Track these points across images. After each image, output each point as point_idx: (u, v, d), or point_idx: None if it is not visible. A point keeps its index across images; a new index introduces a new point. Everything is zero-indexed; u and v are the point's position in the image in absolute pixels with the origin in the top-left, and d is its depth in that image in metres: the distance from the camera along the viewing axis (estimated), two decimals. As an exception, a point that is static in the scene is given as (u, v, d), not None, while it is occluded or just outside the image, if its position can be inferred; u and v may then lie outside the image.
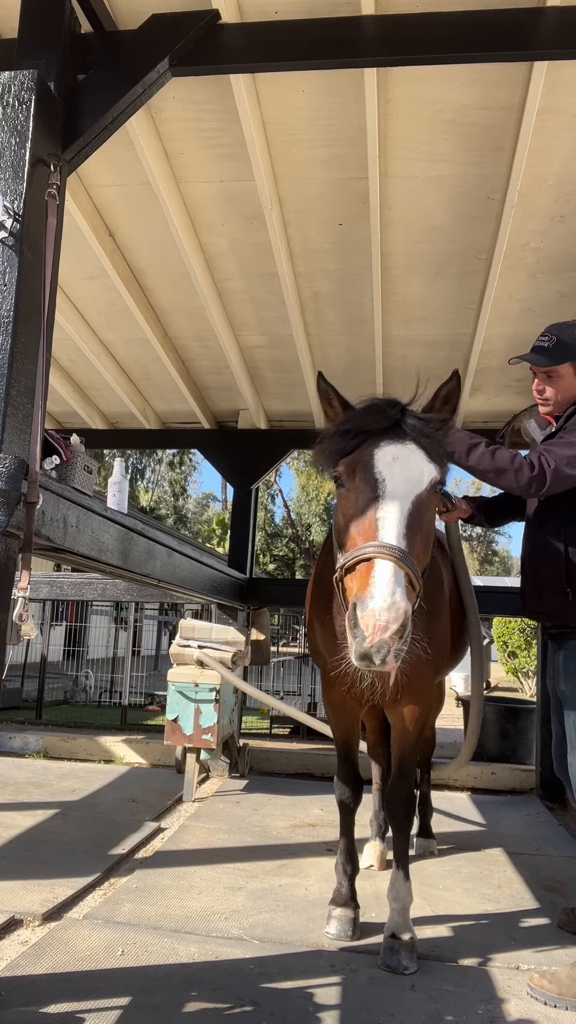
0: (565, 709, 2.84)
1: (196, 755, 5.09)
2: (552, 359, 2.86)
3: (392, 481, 1.86)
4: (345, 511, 1.95)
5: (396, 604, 1.72)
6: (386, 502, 1.84)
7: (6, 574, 2.21)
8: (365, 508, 1.87)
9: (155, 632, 17.72)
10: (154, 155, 3.54)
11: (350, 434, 1.93)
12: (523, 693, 14.20)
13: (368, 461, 1.89)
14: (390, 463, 1.87)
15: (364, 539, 1.83)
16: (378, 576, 1.74)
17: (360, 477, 1.89)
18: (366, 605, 1.72)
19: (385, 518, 1.83)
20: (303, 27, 2.85)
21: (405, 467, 1.88)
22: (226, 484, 30.82)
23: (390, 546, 1.77)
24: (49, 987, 2.44)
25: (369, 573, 1.76)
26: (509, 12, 2.73)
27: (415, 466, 1.89)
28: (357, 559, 1.83)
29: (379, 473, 1.87)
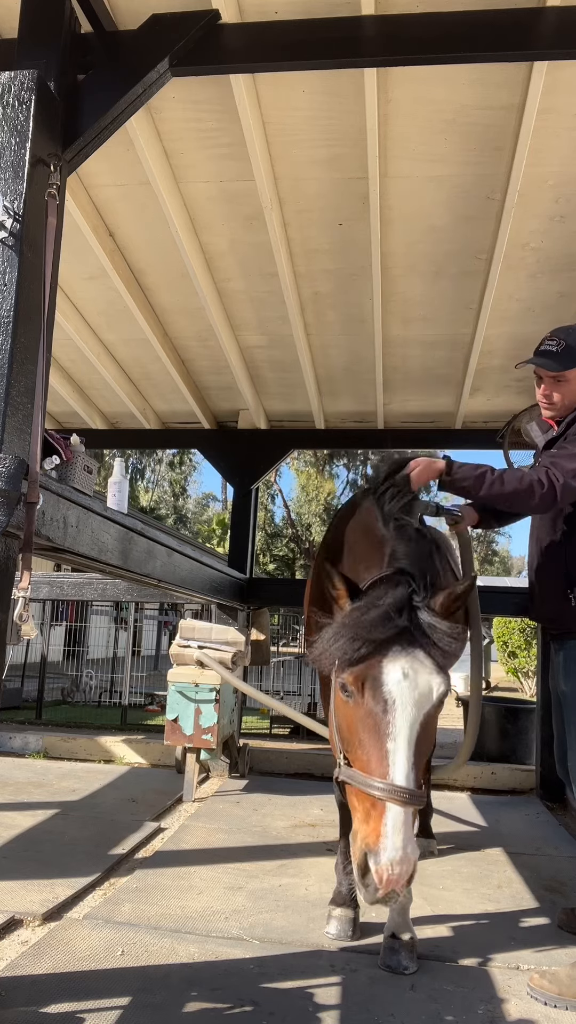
0: (565, 710, 2.85)
1: (196, 755, 5.09)
2: (562, 363, 2.84)
3: (402, 705, 1.80)
4: (350, 723, 1.90)
5: (408, 857, 1.70)
6: (396, 732, 1.79)
7: (6, 574, 2.21)
8: (374, 733, 1.82)
9: (155, 632, 17.73)
10: (154, 155, 3.54)
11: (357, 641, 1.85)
12: (523, 693, 14.20)
13: (377, 677, 1.82)
14: (400, 681, 1.81)
15: (373, 770, 1.79)
16: (390, 825, 1.72)
17: (368, 693, 1.82)
18: (379, 858, 1.70)
19: (396, 752, 1.78)
20: (303, 27, 2.85)
21: (415, 686, 1.82)
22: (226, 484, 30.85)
23: (401, 789, 1.74)
24: (49, 987, 2.44)
25: (380, 819, 1.73)
26: (509, 12, 2.73)
27: (425, 683, 1.83)
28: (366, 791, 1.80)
29: (389, 694, 1.80)
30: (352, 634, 1.86)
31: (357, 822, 1.82)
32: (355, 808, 1.85)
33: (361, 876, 1.75)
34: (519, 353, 5.03)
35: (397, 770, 1.76)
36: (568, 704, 2.82)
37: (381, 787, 1.75)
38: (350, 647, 1.84)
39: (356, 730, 1.87)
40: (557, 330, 2.93)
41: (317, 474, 32.88)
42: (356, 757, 1.86)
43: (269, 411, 6.47)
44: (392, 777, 1.76)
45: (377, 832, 1.73)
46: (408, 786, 1.74)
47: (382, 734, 1.80)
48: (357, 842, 1.79)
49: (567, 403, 2.90)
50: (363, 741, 1.84)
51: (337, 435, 6.71)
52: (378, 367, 5.41)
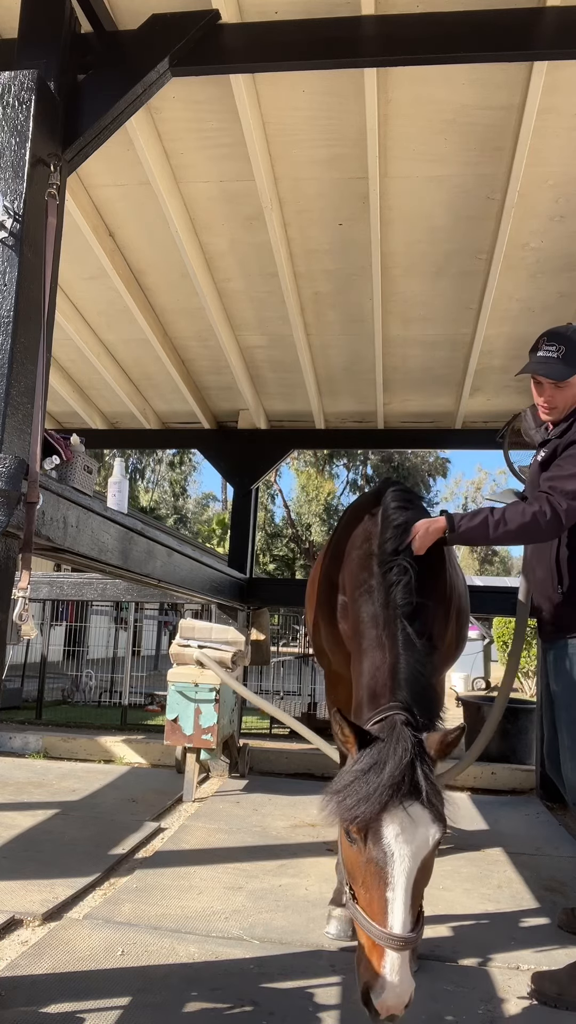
0: (557, 710, 2.85)
1: (196, 755, 5.09)
2: (565, 371, 2.80)
3: (400, 858, 2.01)
4: (354, 866, 2.12)
5: (404, 992, 1.91)
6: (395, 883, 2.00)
7: (6, 574, 2.21)
8: (375, 880, 2.02)
9: (155, 632, 17.72)
10: (154, 155, 3.55)
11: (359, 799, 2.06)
12: (523, 693, 14.20)
13: (377, 831, 2.03)
14: (398, 836, 2.02)
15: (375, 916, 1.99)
16: (388, 968, 1.93)
17: (371, 844, 2.04)
18: (379, 995, 1.91)
19: (394, 902, 1.98)
20: (303, 27, 2.85)
21: (412, 839, 2.02)
22: (226, 484, 30.84)
23: (397, 937, 1.94)
24: (49, 987, 2.44)
25: (380, 962, 1.95)
26: (509, 12, 2.73)
27: (422, 835, 2.03)
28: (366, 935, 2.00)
29: (388, 847, 2.01)
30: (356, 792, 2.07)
31: (361, 952, 2.03)
32: (360, 935, 2.06)
33: (365, 1003, 1.96)
34: (519, 353, 5.04)
35: (395, 919, 1.96)
36: (559, 704, 2.83)
37: (380, 934, 1.96)
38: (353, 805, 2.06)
39: (359, 874, 2.08)
40: (552, 335, 2.88)
41: (317, 474, 32.88)
42: (360, 896, 2.07)
43: (269, 411, 6.47)
44: (391, 926, 1.95)
45: (377, 972, 1.95)
46: (403, 934, 1.95)
47: (382, 883, 2.00)
48: (360, 973, 2.01)
49: (565, 408, 2.89)
50: (365, 885, 2.05)
51: (337, 435, 6.71)
52: (378, 367, 5.41)
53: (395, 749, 2.13)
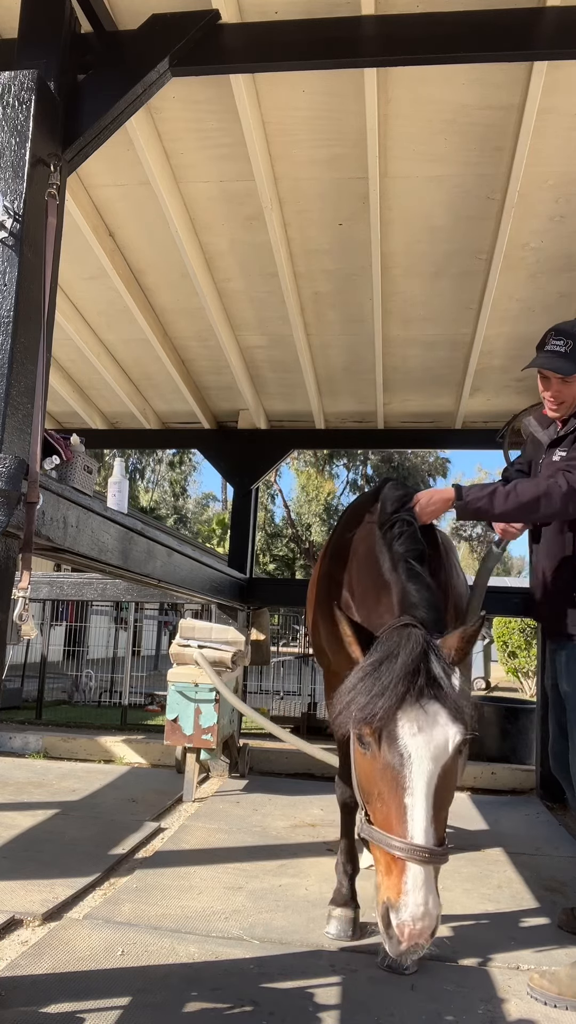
0: (568, 711, 2.85)
1: (196, 755, 5.09)
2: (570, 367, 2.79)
3: (419, 760, 1.81)
4: (369, 776, 1.92)
5: (429, 912, 1.72)
6: (414, 787, 1.80)
7: (6, 574, 2.21)
8: (392, 787, 1.83)
9: (155, 632, 17.73)
10: (154, 155, 3.54)
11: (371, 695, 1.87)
12: (523, 693, 14.20)
13: (392, 731, 1.83)
14: (415, 735, 1.82)
15: (393, 828, 1.80)
16: (411, 884, 1.73)
17: (385, 748, 1.84)
18: (400, 915, 1.72)
19: (413, 808, 1.79)
20: (303, 27, 2.85)
21: (431, 740, 1.82)
22: (226, 484, 30.83)
23: (421, 848, 1.75)
24: (49, 987, 2.44)
25: (401, 877, 1.75)
26: (509, 12, 2.73)
27: (441, 735, 1.84)
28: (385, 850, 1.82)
29: (404, 749, 1.82)
30: (367, 689, 1.87)
31: (380, 875, 1.83)
32: (378, 860, 1.87)
33: (385, 928, 1.76)
34: (519, 353, 5.04)
35: (415, 827, 1.77)
36: (571, 705, 2.82)
37: (400, 846, 1.76)
38: (365, 703, 1.86)
39: (374, 784, 1.88)
40: (559, 330, 2.88)
41: (317, 474, 32.88)
42: (375, 812, 1.88)
43: (269, 411, 6.47)
44: (411, 836, 1.76)
45: (398, 889, 1.74)
46: (427, 844, 1.75)
47: (399, 789, 1.80)
48: (380, 895, 1.81)
49: (573, 402, 2.88)
50: (381, 796, 1.85)
51: (337, 435, 6.71)
52: (378, 367, 5.40)
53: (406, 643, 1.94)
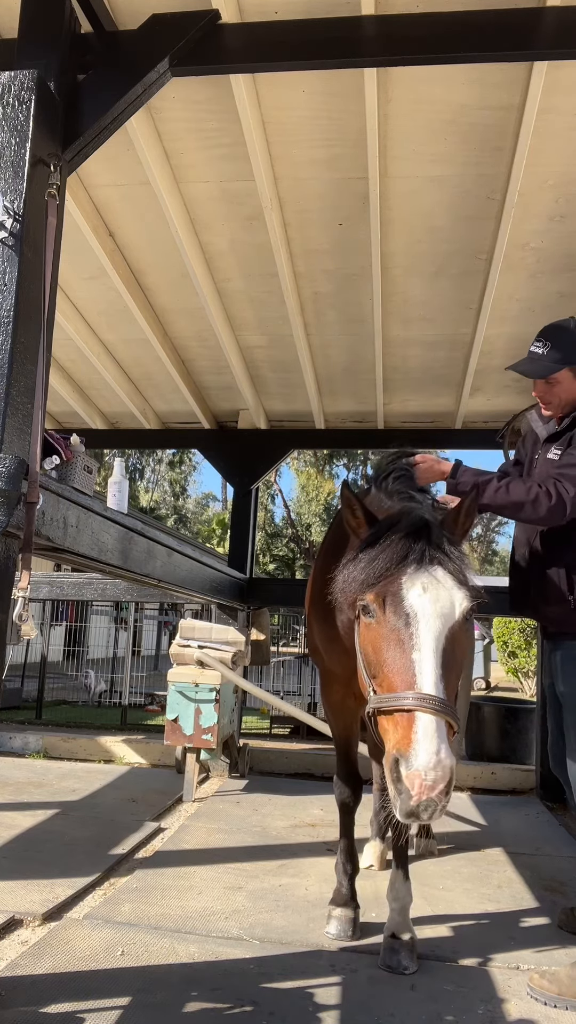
0: (565, 712, 2.85)
1: (196, 755, 5.09)
2: (547, 368, 2.82)
3: (425, 617, 1.80)
4: (374, 645, 1.89)
5: (442, 762, 1.67)
6: (421, 643, 1.78)
7: (6, 574, 2.21)
8: (398, 648, 1.81)
9: (155, 632, 17.73)
10: (154, 155, 3.54)
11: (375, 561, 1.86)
12: (523, 693, 14.19)
13: (397, 593, 1.82)
14: (421, 595, 1.80)
15: (401, 684, 1.77)
16: (421, 732, 1.69)
17: (390, 611, 1.82)
18: (411, 763, 1.67)
19: (422, 662, 1.76)
20: (303, 27, 2.85)
21: (437, 599, 1.81)
22: (226, 484, 30.84)
23: (431, 697, 1.72)
24: (49, 987, 2.43)
25: (411, 727, 1.70)
26: (509, 12, 2.73)
27: (446, 596, 1.83)
28: (395, 707, 1.77)
29: (410, 608, 1.80)
30: (371, 555, 1.86)
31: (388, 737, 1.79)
32: (385, 730, 1.82)
33: (394, 782, 1.70)
34: (519, 353, 4.99)
35: (424, 679, 1.74)
36: (567, 705, 2.82)
37: (408, 697, 1.73)
38: (370, 567, 1.85)
39: (381, 649, 1.86)
40: (545, 330, 2.90)
41: (317, 474, 32.89)
42: (383, 678, 1.84)
43: (269, 411, 6.47)
44: (419, 686, 1.73)
45: (408, 738, 1.70)
46: (436, 694, 1.71)
47: (406, 646, 1.79)
48: (388, 752, 1.76)
49: (563, 400, 2.88)
50: (388, 658, 1.82)
51: (337, 435, 6.71)
52: (378, 367, 5.40)
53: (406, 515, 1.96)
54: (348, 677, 3.03)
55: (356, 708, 3.16)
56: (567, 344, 2.83)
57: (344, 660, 2.98)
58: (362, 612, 1.92)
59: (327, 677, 3.22)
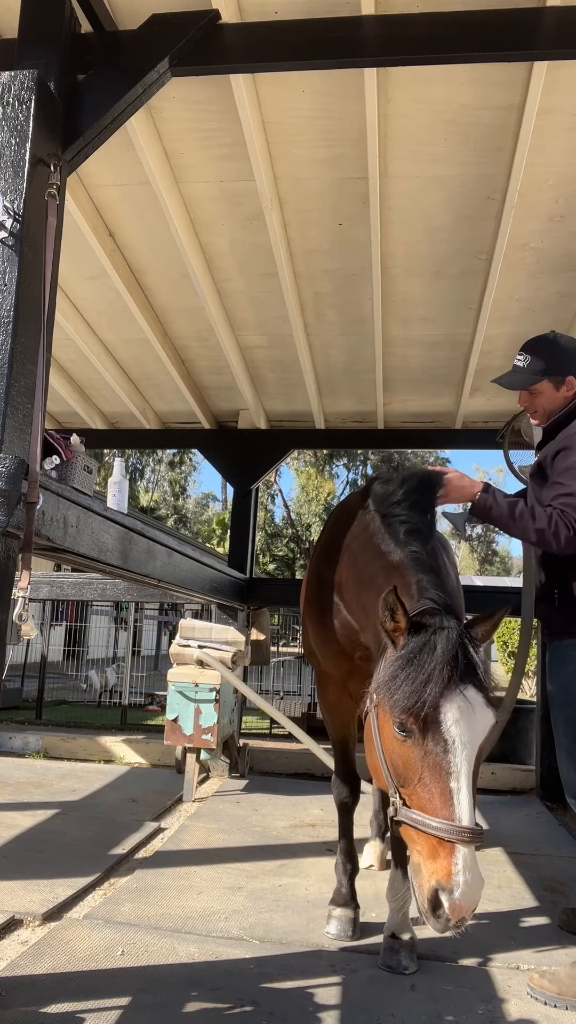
0: (552, 709, 2.87)
1: (196, 755, 5.09)
2: (528, 380, 2.92)
3: (462, 745, 1.88)
4: (408, 763, 1.96)
5: (478, 888, 1.78)
6: (458, 772, 1.86)
7: (6, 574, 2.21)
8: (434, 773, 1.88)
9: (155, 632, 17.73)
10: (154, 155, 3.54)
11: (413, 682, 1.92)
12: (523, 693, 14.19)
13: (436, 719, 1.89)
14: (459, 722, 1.88)
15: (438, 811, 1.85)
16: (461, 865, 1.79)
17: (429, 735, 1.89)
18: (453, 895, 1.77)
19: (459, 792, 1.85)
20: (303, 27, 2.85)
21: (472, 726, 1.89)
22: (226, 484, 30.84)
23: (468, 830, 1.81)
24: (49, 987, 2.43)
25: (450, 859, 1.80)
26: (509, 12, 2.73)
27: (480, 720, 1.91)
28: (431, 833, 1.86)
29: (449, 734, 1.88)
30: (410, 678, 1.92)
31: (422, 858, 1.87)
32: (415, 842, 1.91)
33: (432, 910, 1.81)
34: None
35: (463, 810, 1.82)
36: (552, 703, 2.85)
37: (449, 829, 1.81)
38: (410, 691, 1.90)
39: (415, 770, 1.92)
40: (526, 344, 3.00)
41: (317, 474, 32.90)
42: (415, 796, 1.92)
43: (269, 411, 6.47)
44: (459, 818, 1.82)
45: (448, 871, 1.79)
46: (472, 826, 1.81)
47: (444, 774, 1.86)
48: (425, 878, 1.85)
49: (547, 410, 2.95)
50: (424, 781, 1.89)
51: (337, 435, 6.71)
52: (378, 367, 5.40)
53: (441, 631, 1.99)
54: (343, 678, 3.03)
55: (353, 708, 3.16)
56: (547, 356, 2.92)
57: (339, 661, 2.98)
58: (398, 728, 1.97)
59: (323, 678, 3.22)
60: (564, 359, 2.90)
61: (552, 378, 2.88)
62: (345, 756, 3.18)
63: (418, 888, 1.88)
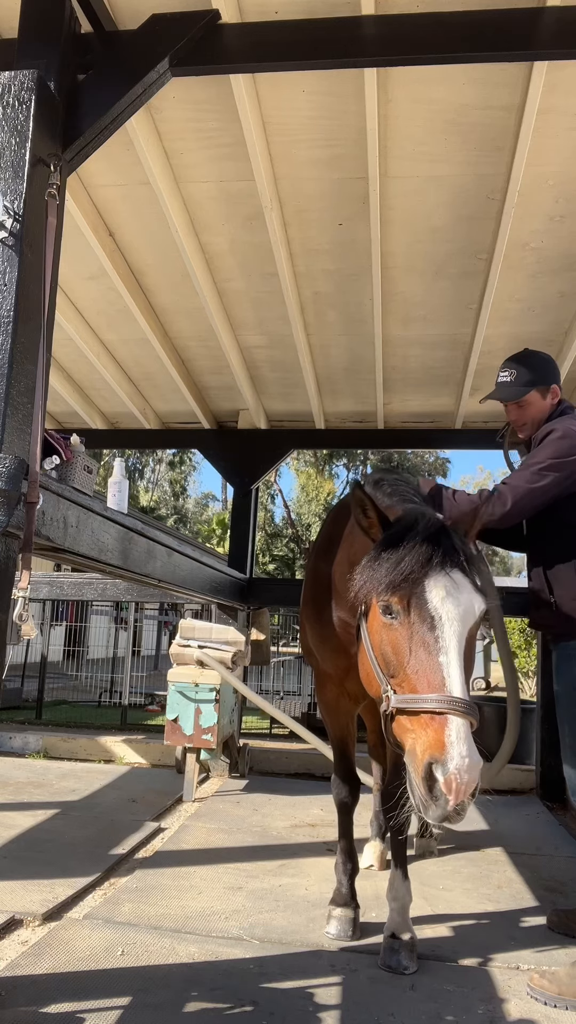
0: (558, 709, 2.89)
1: (196, 755, 5.09)
2: (518, 391, 3.07)
3: (449, 621, 1.86)
4: (396, 645, 1.94)
5: (475, 764, 1.73)
6: (446, 646, 1.85)
7: (6, 574, 2.21)
8: (424, 650, 1.86)
9: (155, 632, 17.73)
10: (154, 155, 3.54)
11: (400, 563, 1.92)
12: (523, 693, 14.19)
13: (422, 596, 1.88)
14: (444, 599, 1.87)
15: (428, 687, 1.83)
16: (455, 735, 1.74)
17: (415, 612, 1.88)
18: (447, 767, 1.71)
19: (449, 665, 1.83)
20: (303, 27, 2.85)
21: (458, 603, 1.88)
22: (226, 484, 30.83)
23: (461, 701, 1.78)
24: (49, 987, 2.44)
25: (443, 731, 1.76)
26: (509, 12, 2.73)
27: (467, 600, 1.90)
28: (424, 709, 1.82)
29: (435, 611, 1.86)
30: (395, 557, 1.92)
31: (414, 739, 1.83)
32: (407, 730, 1.87)
33: (428, 790, 1.74)
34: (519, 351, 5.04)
35: (453, 683, 1.80)
36: (559, 703, 2.88)
37: (439, 699, 1.78)
38: (395, 569, 1.90)
39: (404, 651, 1.91)
40: (506, 361, 3.16)
41: (317, 474, 32.91)
42: (405, 679, 1.89)
43: (269, 411, 6.47)
44: (449, 689, 1.79)
45: (441, 742, 1.74)
46: (465, 697, 1.77)
47: (434, 651, 1.84)
48: (418, 758, 1.80)
49: (535, 420, 3.08)
50: (413, 660, 1.87)
51: (337, 435, 6.71)
52: (378, 367, 5.40)
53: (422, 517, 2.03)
54: (342, 677, 3.03)
55: (352, 708, 3.17)
56: (532, 368, 3.09)
57: (337, 660, 2.98)
58: (383, 612, 1.96)
59: (321, 678, 3.22)
60: (546, 370, 3.10)
61: (539, 388, 3.05)
62: (345, 755, 3.18)
63: (413, 773, 1.81)
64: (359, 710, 3.30)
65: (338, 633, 2.88)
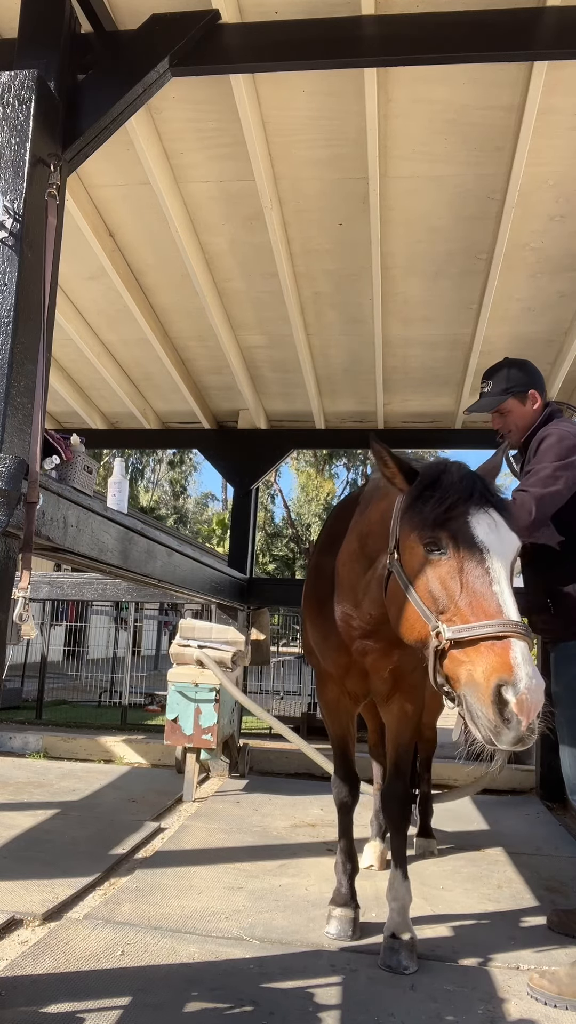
0: (557, 709, 2.88)
1: (196, 755, 5.09)
2: (496, 400, 3.10)
3: (497, 552, 1.92)
4: (445, 580, 1.97)
5: (541, 684, 1.76)
6: (497, 576, 1.89)
7: (6, 574, 2.21)
8: (476, 579, 1.90)
9: (155, 632, 17.72)
10: (154, 155, 3.54)
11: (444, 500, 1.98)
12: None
13: (468, 530, 1.94)
14: (489, 532, 1.93)
15: (485, 615, 1.85)
16: (520, 657, 1.77)
17: (464, 545, 1.92)
18: (519, 687, 1.73)
19: (503, 593, 1.87)
20: (303, 27, 2.85)
21: (501, 537, 1.95)
22: (226, 484, 30.85)
23: (520, 624, 1.81)
24: (49, 987, 2.43)
25: (507, 654, 1.78)
26: (509, 12, 2.73)
27: (508, 537, 1.97)
28: (486, 635, 1.83)
29: (483, 543, 1.92)
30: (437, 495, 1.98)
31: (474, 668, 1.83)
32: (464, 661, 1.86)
33: (500, 713, 1.75)
34: (519, 353, 5.00)
35: (510, 609, 1.84)
36: (559, 703, 2.87)
37: (503, 623, 1.81)
38: (440, 505, 1.96)
39: (454, 585, 1.94)
40: (485, 372, 3.19)
41: (317, 474, 32.88)
42: (458, 611, 1.91)
43: (269, 411, 6.47)
44: (508, 615, 1.83)
45: (508, 663, 1.76)
46: (519, 619, 1.82)
47: (486, 579, 1.89)
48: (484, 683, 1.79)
49: (520, 426, 3.09)
50: (467, 591, 1.91)
51: (337, 435, 6.72)
52: (378, 367, 5.40)
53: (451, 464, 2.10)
54: (342, 675, 3.04)
55: (352, 708, 3.17)
56: (506, 377, 3.11)
57: (338, 658, 2.99)
58: (429, 549, 2.00)
59: (322, 677, 3.22)
60: (521, 377, 3.10)
61: (515, 395, 3.06)
62: (345, 755, 3.18)
63: (479, 701, 1.80)
64: (359, 710, 3.30)
65: (339, 630, 2.88)
